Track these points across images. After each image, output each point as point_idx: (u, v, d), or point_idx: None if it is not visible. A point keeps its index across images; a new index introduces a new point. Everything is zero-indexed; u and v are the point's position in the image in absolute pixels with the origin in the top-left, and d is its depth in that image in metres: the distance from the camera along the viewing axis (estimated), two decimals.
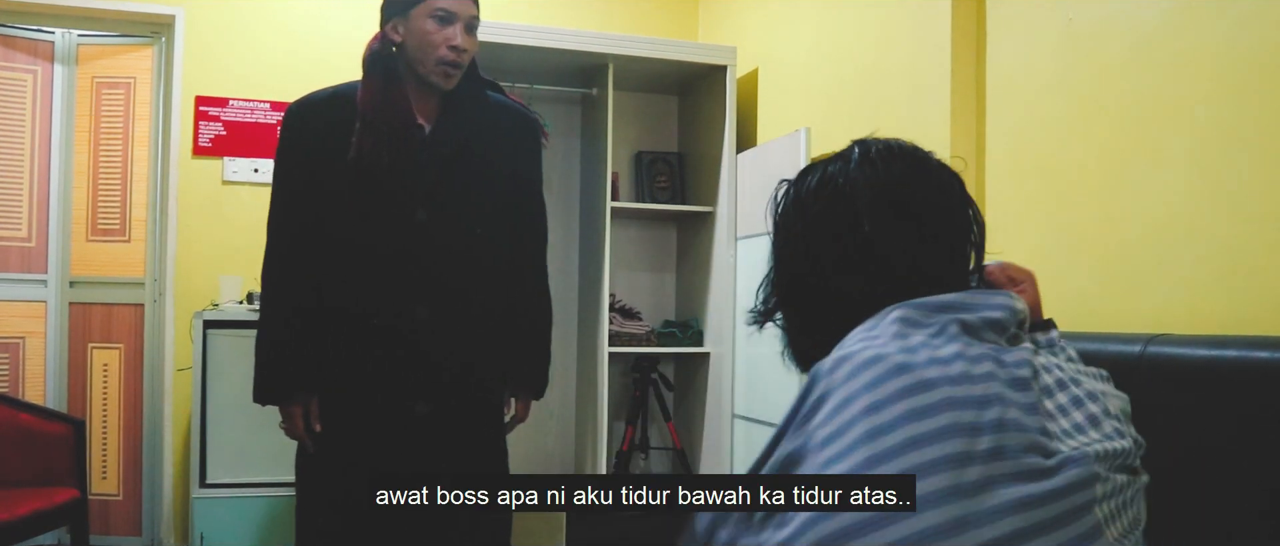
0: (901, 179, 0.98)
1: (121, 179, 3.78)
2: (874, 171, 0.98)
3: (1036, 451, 0.80)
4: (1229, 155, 1.73)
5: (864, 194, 0.97)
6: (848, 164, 1.01)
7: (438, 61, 2.01)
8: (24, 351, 3.73)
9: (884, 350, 0.83)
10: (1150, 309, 1.88)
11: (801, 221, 1.03)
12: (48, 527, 2.91)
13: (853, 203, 0.97)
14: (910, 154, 1.02)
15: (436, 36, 2.00)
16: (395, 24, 2.03)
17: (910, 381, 0.80)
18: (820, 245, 0.99)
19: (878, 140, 1.04)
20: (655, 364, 3.69)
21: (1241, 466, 1.41)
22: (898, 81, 2.67)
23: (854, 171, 0.99)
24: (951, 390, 0.80)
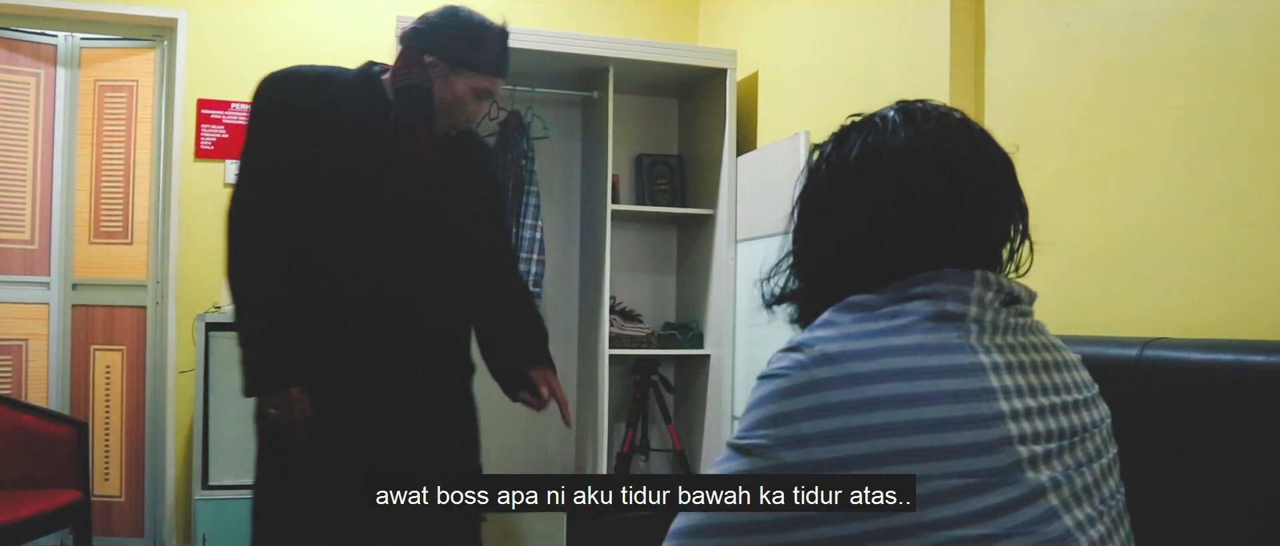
0: (954, 150, 0.94)
1: (124, 181, 3.79)
2: (920, 138, 0.95)
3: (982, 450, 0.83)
4: (1226, 160, 1.74)
5: (912, 163, 0.93)
6: (888, 130, 0.97)
7: (453, 124, 2.06)
8: (27, 353, 3.74)
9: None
10: (1147, 313, 1.89)
11: (848, 193, 0.98)
12: (50, 529, 2.92)
13: (901, 173, 0.93)
14: (960, 124, 0.98)
15: (470, 109, 2.04)
16: (436, 62, 1.99)
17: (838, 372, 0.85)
18: (860, 210, 0.95)
19: (919, 104, 0.99)
20: (655, 366, 3.70)
21: (1237, 469, 1.42)
22: (896, 85, 2.68)
23: (905, 139, 0.95)
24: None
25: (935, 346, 0.86)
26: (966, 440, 0.82)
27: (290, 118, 1.96)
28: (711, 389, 3.56)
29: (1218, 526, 1.44)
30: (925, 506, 0.80)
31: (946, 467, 0.81)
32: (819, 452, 0.82)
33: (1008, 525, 0.80)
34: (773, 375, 0.89)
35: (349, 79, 2.05)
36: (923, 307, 0.89)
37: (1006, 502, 0.81)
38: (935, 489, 0.80)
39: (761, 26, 3.60)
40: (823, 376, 0.84)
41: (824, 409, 0.83)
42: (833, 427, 0.82)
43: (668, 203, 3.82)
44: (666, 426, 3.75)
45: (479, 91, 2.02)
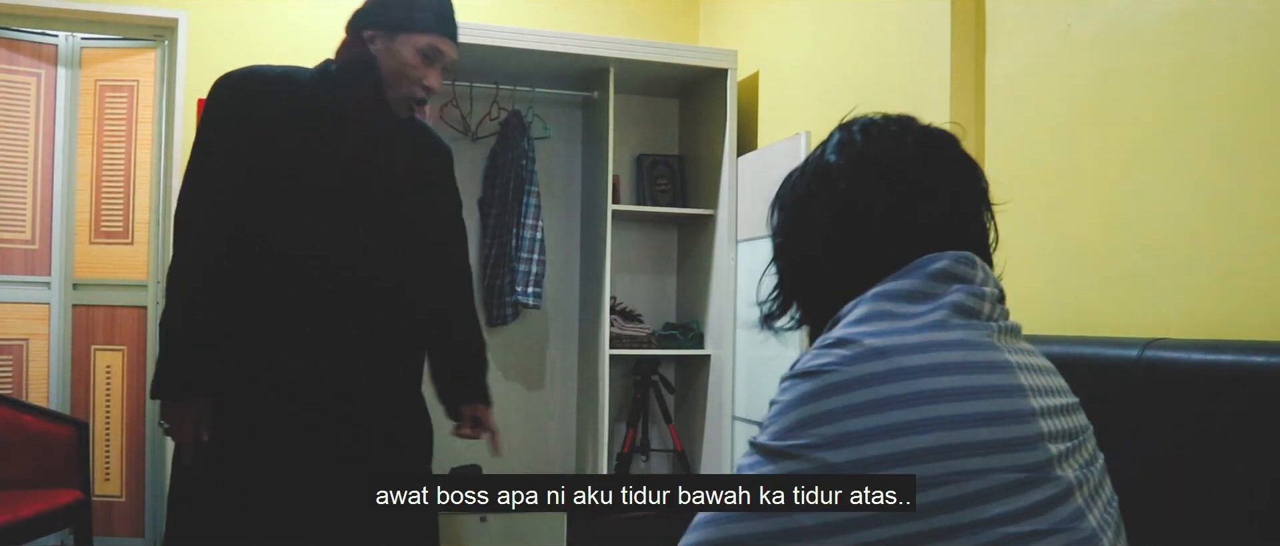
0: (884, 149, 0.97)
1: (124, 182, 3.80)
2: (854, 147, 0.98)
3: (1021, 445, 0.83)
4: (1227, 161, 1.74)
5: (847, 171, 0.97)
6: (825, 148, 1.01)
7: (406, 95, 1.97)
8: (27, 353, 3.74)
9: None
10: (1147, 313, 1.89)
11: (795, 214, 1.04)
12: (51, 529, 2.92)
13: (838, 183, 0.97)
14: (895, 123, 1.00)
15: (416, 72, 1.95)
16: (374, 36, 1.95)
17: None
18: (817, 231, 0.99)
19: (859, 117, 1.03)
20: (656, 366, 3.70)
21: (1237, 469, 1.42)
22: (897, 86, 2.68)
23: (834, 153, 0.99)
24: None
25: (976, 343, 0.87)
26: (1013, 435, 0.82)
27: (242, 116, 1.91)
28: (712, 389, 3.56)
29: (1218, 527, 1.44)
30: (982, 502, 0.78)
31: (998, 462, 0.80)
32: (871, 450, 0.79)
33: (1050, 522, 0.80)
34: (812, 372, 0.85)
35: (305, 76, 2.00)
36: (953, 298, 0.89)
37: (1046, 499, 0.81)
38: (991, 484, 0.79)
39: (762, 27, 3.60)
40: (872, 371, 0.82)
41: (877, 404, 0.81)
42: (888, 422, 0.80)
43: (668, 203, 3.83)
44: (667, 426, 3.75)
45: (424, 53, 1.94)
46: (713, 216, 3.60)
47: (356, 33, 1.98)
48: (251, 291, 1.89)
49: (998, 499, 0.79)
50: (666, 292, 3.99)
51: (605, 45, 3.43)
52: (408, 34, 1.94)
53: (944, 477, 0.78)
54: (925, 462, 0.78)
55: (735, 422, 3.44)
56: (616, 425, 3.78)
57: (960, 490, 0.78)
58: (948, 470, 0.78)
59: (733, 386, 3.45)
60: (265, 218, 1.90)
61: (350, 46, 1.98)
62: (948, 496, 0.78)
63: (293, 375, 1.90)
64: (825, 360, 0.85)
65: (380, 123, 2.00)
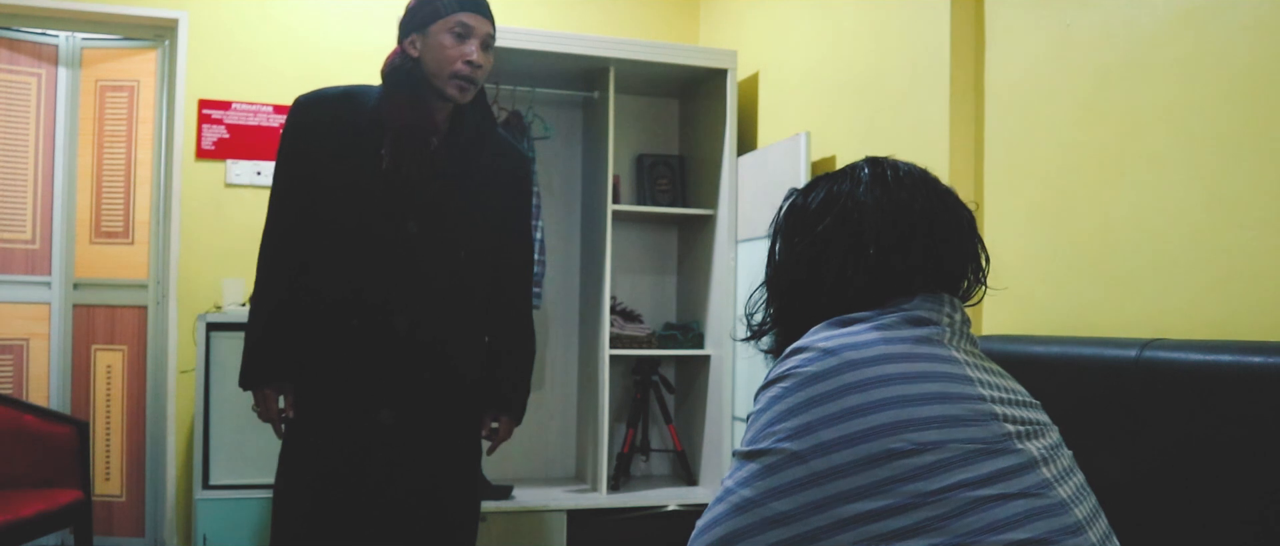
0: (909, 204, 1.03)
1: (125, 181, 3.80)
2: (886, 194, 1.03)
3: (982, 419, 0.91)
4: (1226, 160, 1.74)
5: (872, 216, 1.02)
6: (857, 184, 1.05)
7: (453, 75, 2.07)
8: (28, 353, 3.75)
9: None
10: (1146, 313, 1.89)
11: (806, 235, 1.07)
12: (51, 529, 2.92)
13: (860, 224, 1.02)
14: (921, 180, 1.06)
15: (454, 52, 2.06)
16: (413, 39, 2.09)
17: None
18: (823, 259, 1.04)
19: (890, 161, 1.08)
20: (656, 366, 3.70)
21: (1236, 470, 1.42)
22: (897, 86, 2.68)
23: (863, 194, 1.04)
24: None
25: (922, 338, 0.96)
26: (965, 411, 0.89)
27: (307, 137, 2.10)
28: (712, 389, 3.56)
29: (1217, 527, 1.44)
30: (942, 471, 0.85)
31: (955, 435, 0.87)
32: (828, 434, 0.88)
33: (1016, 487, 0.86)
34: (774, 379, 0.95)
35: (367, 94, 2.14)
36: (904, 316, 0.98)
37: (1009, 468, 0.87)
38: (950, 455, 0.86)
39: (762, 27, 3.60)
40: (825, 367, 0.92)
41: (830, 394, 0.90)
42: (841, 407, 0.89)
43: (668, 203, 3.83)
44: (667, 426, 3.75)
45: (454, 32, 2.06)
46: (713, 216, 3.60)
47: (400, 43, 2.13)
48: (316, 293, 2.09)
49: (957, 467, 0.86)
50: (666, 293, 4.00)
51: (605, 45, 3.44)
52: (435, 22, 2.07)
53: (899, 452, 0.86)
54: (879, 439, 0.87)
55: (735, 423, 3.44)
56: (616, 425, 3.78)
57: (918, 462, 0.85)
58: (902, 444, 0.86)
59: (733, 387, 3.45)
60: (330, 230, 2.08)
61: (393, 60, 2.13)
62: (906, 469, 0.86)
63: (348, 366, 2.08)
64: (783, 367, 0.95)
65: (423, 127, 2.09)
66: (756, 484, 0.90)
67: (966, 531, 0.83)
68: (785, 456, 0.89)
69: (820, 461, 0.87)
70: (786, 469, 0.88)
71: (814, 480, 0.87)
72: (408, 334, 2.08)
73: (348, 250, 2.07)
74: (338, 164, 2.07)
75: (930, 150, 2.49)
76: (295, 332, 2.10)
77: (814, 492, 0.87)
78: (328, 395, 2.09)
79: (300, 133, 2.11)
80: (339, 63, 3.71)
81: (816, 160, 3.06)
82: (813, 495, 0.87)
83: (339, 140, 2.07)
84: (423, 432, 2.13)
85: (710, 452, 3.57)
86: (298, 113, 2.12)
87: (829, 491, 0.86)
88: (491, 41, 2.12)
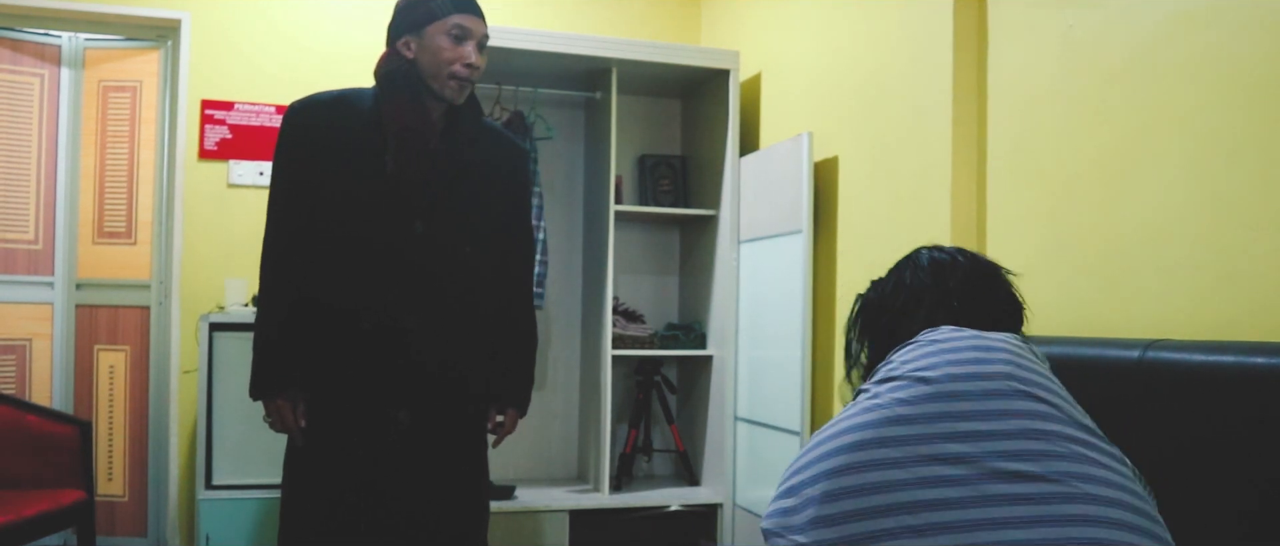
0: (958, 281, 1.34)
1: (127, 182, 3.80)
2: (939, 276, 1.34)
3: None
4: (1227, 161, 1.74)
5: (931, 294, 1.33)
6: (918, 271, 1.36)
7: (450, 76, 2.06)
8: (30, 353, 3.75)
9: None
10: (1149, 314, 1.89)
11: (885, 314, 1.37)
12: (54, 529, 2.93)
13: (921, 302, 1.33)
14: (968, 263, 1.36)
15: (451, 53, 2.05)
16: (407, 40, 2.08)
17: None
18: (897, 325, 1.33)
19: (939, 250, 1.38)
20: (658, 366, 3.70)
21: (1238, 470, 1.42)
22: (900, 86, 2.68)
23: (924, 277, 1.35)
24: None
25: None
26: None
27: (305, 142, 2.08)
28: (714, 389, 3.56)
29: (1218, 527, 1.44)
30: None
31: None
32: (954, 370, 1.14)
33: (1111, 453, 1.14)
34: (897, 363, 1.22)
35: (362, 97, 2.13)
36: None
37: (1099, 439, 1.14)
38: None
39: (764, 28, 3.60)
40: (941, 337, 1.22)
41: (946, 351, 1.17)
42: (960, 357, 1.16)
43: (670, 203, 3.83)
44: (669, 427, 3.75)
45: (451, 34, 2.05)
46: (715, 217, 3.60)
47: (391, 45, 2.11)
48: (324, 299, 2.08)
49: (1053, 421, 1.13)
50: (669, 293, 4.00)
51: (608, 46, 3.44)
52: (431, 24, 2.05)
53: (1009, 393, 1.13)
54: (1004, 380, 1.13)
55: (737, 423, 3.44)
56: (618, 425, 3.78)
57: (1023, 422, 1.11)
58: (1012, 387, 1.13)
59: (735, 387, 3.45)
60: (331, 234, 2.07)
61: (387, 61, 2.11)
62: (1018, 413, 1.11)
63: (361, 369, 2.08)
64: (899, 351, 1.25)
65: (424, 129, 2.08)
66: (889, 396, 1.13)
67: None
68: (923, 391, 1.12)
69: (929, 387, 1.12)
70: (906, 402, 1.11)
71: (924, 399, 1.11)
72: (419, 335, 2.08)
73: (356, 254, 2.07)
74: (338, 169, 2.06)
75: (933, 151, 2.49)
76: (305, 340, 2.08)
77: (925, 407, 1.10)
78: (340, 400, 2.09)
79: (296, 139, 2.09)
80: (341, 63, 3.71)
81: (819, 161, 3.06)
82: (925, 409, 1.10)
83: (337, 145, 2.06)
84: (435, 433, 2.13)
85: (712, 453, 3.57)
86: (292, 118, 2.10)
87: (950, 407, 1.09)
88: (486, 41, 2.12)
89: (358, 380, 2.08)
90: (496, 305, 2.24)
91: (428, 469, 2.13)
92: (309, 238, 2.08)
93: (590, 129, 3.83)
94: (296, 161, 2.09)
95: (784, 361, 3.09)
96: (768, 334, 3.24)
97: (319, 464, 2.09)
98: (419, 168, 2.06)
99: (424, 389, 2.11)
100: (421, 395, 2.11)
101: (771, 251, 3.22)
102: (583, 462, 3.79)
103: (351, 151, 2.07)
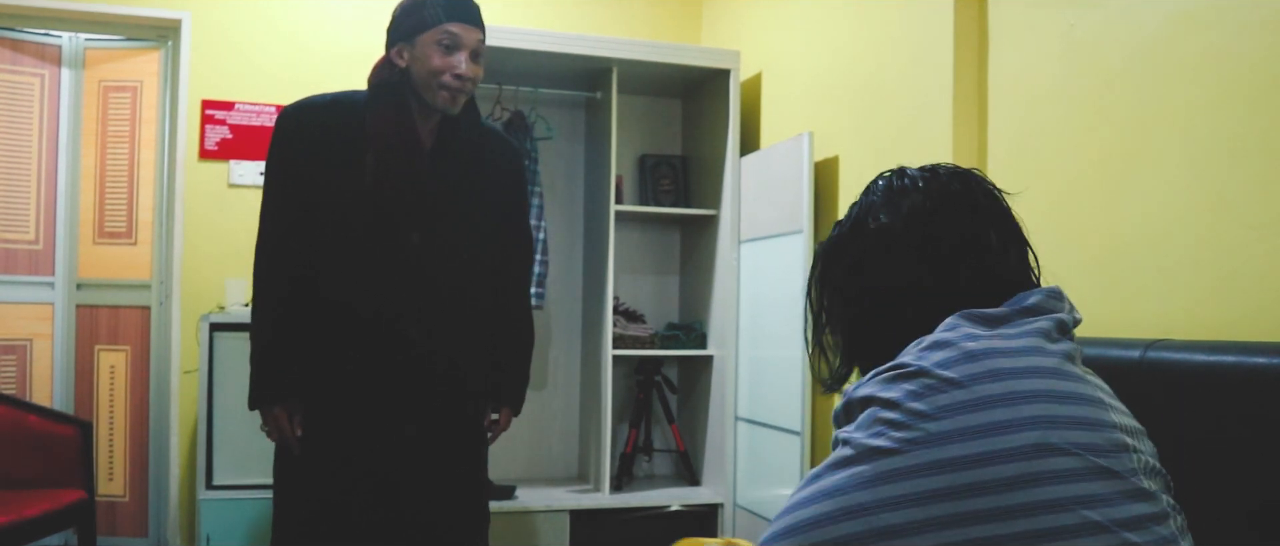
0: (925, 207, 1.00)
1: (128, 182, 3.80)
2: (899, 202, 1.00)
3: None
4: (1229, 162, 1.74)
5: (896, 228, 0.98)
6: (872, 197, 1.02)
7: (440, 86, 2.03)
8: (31, 353, 3.75)
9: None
10: (1150, 314, 1.89)
11: (845, 266, 1.02)
12: (55, 529, 2.93)
13: (886, 238, 0.98)
14: (941, 178, 1.04)
15: (440, 63, 2.02)
16: (401, 48, 2.05)
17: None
18: (872, 281, 0.99)
19: (901, 169, 1.05)
20: (659, 366, 3.70)
21: (1240, 470, 1.42)
22: (900, 87, 2.68)
23: (880, 207, 1.00)
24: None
25: (1067, 354, 0.90)
26: (1104, 441, 0.83)
27: (298, 144, 2.06)
28: (715, 389, 3.56)
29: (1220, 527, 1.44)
30: (1082, 505, 0.78)
31: (1090, 463, 0.80)
32: (959, 450, 0.79)
33: (1148, 537, 0.80)
34: (910, 372, 0.84)
35: (356, 101, 2.10)
36: (1055, 321, 0.91)
37: (1143, 515, 0.81)
38: (1087, 491, 0.79)
39: (765, 28, 3.60)
40: (970, 372, 0.82)
41: (972, 404, 0.81)
42: (983, 421, 0.79)
43: (671, 203, 3.83)
44: (670, 427, 3.75)
45: (442, 44, 2.02)
46: (715, 217, 3.60)
47: (386, 54, 2.08)
48: (320, 292, 2.06)
49: (1099, 505, 0.79)
50: (669, 293, 4.00)
51: (608, 46, 3.44)
52: (422, 33, 2.02)
53: (1038, 477, 0.78)
54: (1021, 461, 0.78)
55: (738, 423, 3.44)
56: (619, 425, 3.78)
57: (1061, 492, 0.78)
58: (1045, 469, 0.78)
59: (735, 387, 3.45)
60: (326, 233, 2.05)
61: (380, 70, 2.09)
62: (1047, 497, 0.77)
63: (360, 377, 2.06)
64: (917, 361, 0.85)
65: (404, 147, 2.06)
66: (874, 488, 0.79)
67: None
68: (909, 465, 0.79)
69: (945, 478, 0.78)
70: (905, 480, 0.78)
71: (932, 497, 0.77)
72: (418, 332, 2.08)
73: (350, 263, 2.05)
74: (330, 175, 2.03)
75: (933, 151, 2.49)
76: (301, 340, 2.07)
77: (933, 508, 0.77)
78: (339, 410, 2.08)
79: (289, 142, 2.06)
80: (341, 63, 3.71)
81: (819, 160, 3.06)
82: (932, 511, 0.77)
83: (329, 151, 2.04)
84: (435, 440, 2.13)
85: (713, 453, 3.57)
86: (285, 122, 2.07)
87: (945, 510, 0.77)
88: (482, 49, 2.08)
89: (357, 378, 2.06)
90: (494, 305, 2.23)
91: (428, 469, 2.12)
92: (303, 232, 2.05)
93: (591, 129, 3.83)
94: (289, 162, 2.07)
95: (785, 361, 3.09)
96: (768, 334, 3.24)
97: (314, 464, 2.08)
98: (401, 182, 2.04)
99: (425, 387, 2.10)
100: (422, 394, 2.10)
101: (772, 251, 3.22)
102: (583, 462, 3.79)
103: (343, 158, 2.04)
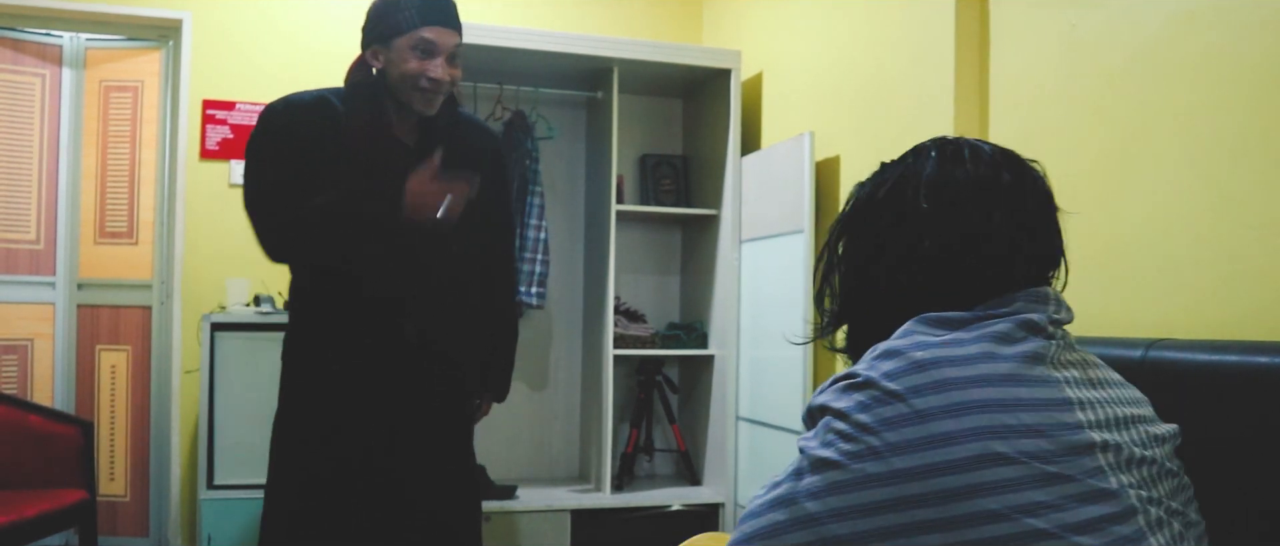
0: (951, 174, 0.95)
1: (129, 182, 3.80)
2: (921, 166, 0.97)
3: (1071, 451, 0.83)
4: (1231, 161, 1.74)
5: (911, 186, 0.96)
6: (902, 163, 1.00)
7: (415, 89, 2.01)
8: (32, 353, 3.75)
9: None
10: (1151, 313, 1.88)
11: (863, 222, 1.01)
12: (56, 529, 2.93)
13: (903, 198, 0.96)
14: (1002, 154, 0.98)
15: (415, 68, 2.00)
16: (376, 51, 2.03)
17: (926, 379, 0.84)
18: (881, 242, 0.98)
19: (940, 139, 1.01)
20: (660, 366, 3.70)
21: (1241, 470, 1.42)
22: (902, 86, 2.68)
23: (909, 169, 0.98)
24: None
25: (1031, 356, 0.87)
26: (1058, 447, 0.82)
27: (281, 142, 2.03)
28: (716, 389, 3.56)
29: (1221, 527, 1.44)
30: (1028, 514, 0.78)
31: (1038, 471, 0.80)
32: (903, 462, 0.80)
33: (1105, 539, 0.80)
34: (858, 384, 0.86)
35: (339, 97, 2.09)
36: (1017, 322, 0.89)
37: (1099, 517, 0.81)
38: (1034, 498, 0.79)
39: (766, 27, 3.60)
40: (916, 383, 0.83)
41: (915, 417, 0.81)
42: (926, 433, 0.80)
43: (672, 203, 3.83)
44: (671, 427, 3.75)
45: (416, 48, 1.99)
46: (716, 216, 3.60)
47: (361, 55, 2.07)
48: (315, 281, 2.10)
49: (1044, 512, 0.78)
50: (670, 293, 3.99)
51: (609, 45, 3.44)
52: (398, 37, 2.00)
53: (980, 487, 0.78)
54: (964, 473, 0.79)
55: (739, 423, 3.44)
56: (620, 425, 3.78)
57: (1004, 501, 0.78)
58: (987, 479, 0.78)
59: (736, 387, 3.45)
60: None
61: (355, 71, 2.07)
62: (989, 508, 0.78)
63: (355, 357, 2.07)
64: (868, 371, 0.86)
65: (389, 141, 2.06)
66: (823, 499, 0.82)
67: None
68: (856, 477, 0.81)
69: (890, 490, 0.79)
70: (852, 491, 0.81)
71: (878, 508, 0.80)
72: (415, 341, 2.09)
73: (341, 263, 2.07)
74: (316, 173, 2.01)
75: None
76: None
77: (878, 519, 0.80)
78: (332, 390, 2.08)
79: (272, 137, 2.03)
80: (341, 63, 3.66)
81: (820, 160, 3.06)
82: (877, 522, 0.80)
83: (313, 149, 2.02)
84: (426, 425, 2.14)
85: (714, 452, 3.57)
86: (269, 119, 2.04)
87: (891, 521, 0.79)
88: (459, 52, 2.05)
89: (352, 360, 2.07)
90: (481, 294, 2.24)
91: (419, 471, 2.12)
92: (296, 191, 2.00)
93: (592, 128, 3.83)
94: (278, 154, 2.02)
95: (786, 361, 3.09)
96: (769, 333, 3.24)
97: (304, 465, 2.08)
98: (381, 178, 2.01)
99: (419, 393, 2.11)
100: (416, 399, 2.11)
101: (773, 251, 3.22)
102: (584, 462, 3.79)
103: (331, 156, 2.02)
